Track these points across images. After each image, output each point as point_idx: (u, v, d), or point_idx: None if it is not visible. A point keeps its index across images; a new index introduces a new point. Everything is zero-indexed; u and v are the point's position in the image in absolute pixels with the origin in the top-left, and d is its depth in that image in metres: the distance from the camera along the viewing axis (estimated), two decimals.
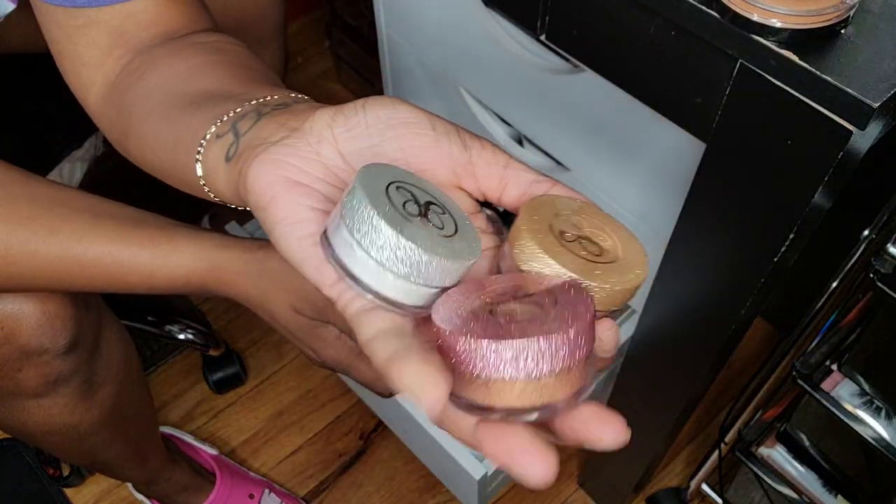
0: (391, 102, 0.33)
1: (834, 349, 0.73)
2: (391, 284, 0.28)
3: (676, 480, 1.15)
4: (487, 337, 0.26)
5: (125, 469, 0.89)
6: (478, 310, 0.28)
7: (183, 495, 1.01)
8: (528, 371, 0.26)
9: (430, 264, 0.27)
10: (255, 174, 0.32)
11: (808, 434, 0.85)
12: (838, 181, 0.46)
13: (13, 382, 0.63)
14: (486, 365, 0.26)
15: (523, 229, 0.30)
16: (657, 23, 0.48)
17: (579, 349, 0.26)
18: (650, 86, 0.53)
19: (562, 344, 0.26)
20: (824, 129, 0.42)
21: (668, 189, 0.61)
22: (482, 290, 0.29)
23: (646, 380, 0.78)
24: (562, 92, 0.66)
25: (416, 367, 0.26)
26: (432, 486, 1.14)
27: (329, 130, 0.33)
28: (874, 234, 0.65)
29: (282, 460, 1.17)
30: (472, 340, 0.26)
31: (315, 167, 0.32)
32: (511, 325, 0.27)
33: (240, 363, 1.22)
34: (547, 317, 0.27)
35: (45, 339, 0.60)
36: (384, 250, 0.27)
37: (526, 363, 0.26)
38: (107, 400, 0.73)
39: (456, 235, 0.29)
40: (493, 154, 0.34)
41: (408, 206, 0.29)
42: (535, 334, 0.26)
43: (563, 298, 0.28)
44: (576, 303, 0.27)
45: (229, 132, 0.36)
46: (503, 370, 0.26)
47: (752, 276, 0.54)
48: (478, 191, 0.34)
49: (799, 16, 0.41)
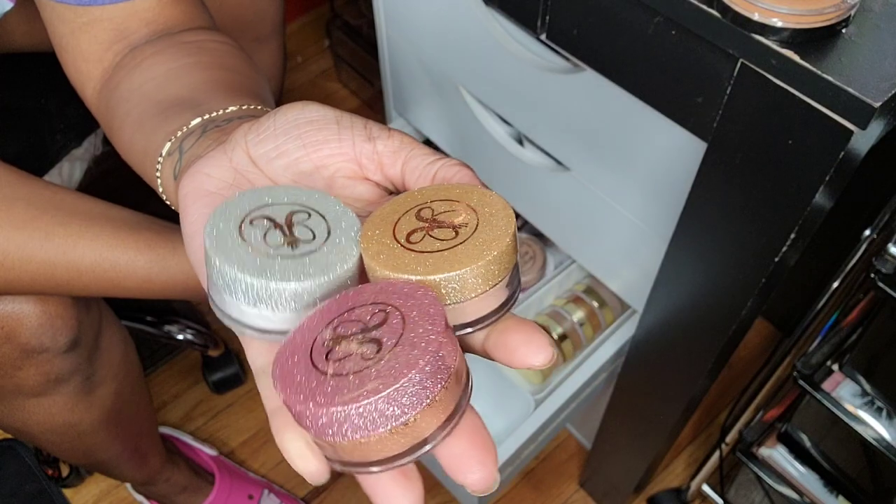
0: (301, 105, 0.34)
1: (835, 349, 0.73)
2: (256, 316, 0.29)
3: (677, 481, 1.15)
4: (328, 403, 0.24)
5: (124, 469, 0.89)
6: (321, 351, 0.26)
7: (182, 496, 1.01)
8: (379, 428, 0.24)
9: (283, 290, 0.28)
10: (180, 191, 0.34)
11: (809, 434, 0.85)
12: (839, 181, 0.46)
13: (13, 381, 0.63)
14: (336, 430, 0.24)
15: (364, 242, 0.30)
16: (658, 22, 0.48)
17: (425, 384, 0.24)
18: (651, 85, 0.53)
19: (414, 387, 0.24)
20: (825, 128, 0.42)
21: (668, 189, 0.60)
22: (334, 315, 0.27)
23: (646, 380, 0.78)
24: (562, 91, 0.66)
25: (295, 445, 0.26)
26: (432, 487, 1.14)
27: (244, 138, 0.34)
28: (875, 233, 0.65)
29: (281, 461, 1.17)
30: (314, 407, 0.24)
31: (225, 174, 0.33)
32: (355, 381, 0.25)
33: (239, 363, 1.22)
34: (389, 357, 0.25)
35: (46, 337, 0.60)
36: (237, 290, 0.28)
37: (374, 421, 0.24)
38: (106, 399, 0.73)
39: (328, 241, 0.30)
40: (399, 143, 0.34)
41: (266, 234, 0.30)
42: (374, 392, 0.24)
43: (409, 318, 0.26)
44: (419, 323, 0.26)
45: (176, 150, 0.39)
46: (355, 434, 0.24)
47: (753, 276, 0.54)
48: (385, 180, 0.35)
49: (800, 15, 0.41)
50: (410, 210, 0.30)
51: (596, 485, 1.11)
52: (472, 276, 0.27)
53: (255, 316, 0.29)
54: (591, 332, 0.90)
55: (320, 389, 0.25)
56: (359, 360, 0.25)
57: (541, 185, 0.78)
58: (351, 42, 1.52)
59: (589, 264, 0.81)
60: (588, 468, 1.10)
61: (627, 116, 0.60)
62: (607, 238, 0.73)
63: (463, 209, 0.30)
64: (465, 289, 0.28)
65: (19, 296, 0.58)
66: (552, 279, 0.92)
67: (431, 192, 0.31)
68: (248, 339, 0.30)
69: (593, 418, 0.97)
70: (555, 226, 0.82)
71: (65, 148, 0.86)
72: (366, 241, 0.29)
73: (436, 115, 0.90)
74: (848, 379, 0.72)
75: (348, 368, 0.25)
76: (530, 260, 0.97)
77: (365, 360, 0.25)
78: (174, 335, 1.16)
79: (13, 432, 0.74)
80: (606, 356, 0.82)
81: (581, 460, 1.16)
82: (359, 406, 0.24)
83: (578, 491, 1.14)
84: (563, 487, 1.14)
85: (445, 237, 0.29)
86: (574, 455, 1.17)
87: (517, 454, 0.79)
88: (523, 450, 0.80)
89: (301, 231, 0.30)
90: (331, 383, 0.25)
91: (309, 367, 0.26)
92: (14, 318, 0.58)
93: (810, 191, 0.45)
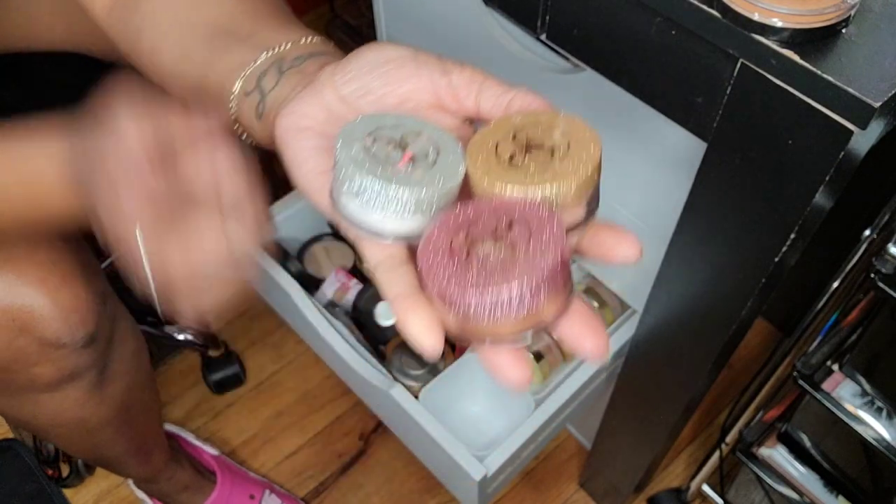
0: (379, 46, 0.38)
1: (835, 349, 0.73)
2: (377, 221, 0.33)
3: (677, 481, 1.15)
4: (474, 286, 0.29)
5: (129, 465, 0.89)
6: (459, 251, 0.31)
7: (184, 495, 1.01)
8: (513, 310, 0.29)
9: (405, 197, 0.32)
10: (277, 129, 0.38)
11: (809, 434, 0.85)
12: (839, 181, 0.46)
13: (27, 376, 0.62)
14: (478, 309, 0.29)
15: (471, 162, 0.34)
16: (658, 22, 0.48)
17: (555, 277, 0.30)
18: (651, 85, 0.53)
19: (543, 280, 0.29)
20: (825, 128, 0.42)
21: (669, 189, 0.61)
22: (460, 223, 0.32)
23: (646, 380, 0.78)
24: (562, 91, 0.66)
25: (419, 321, 0.31)
26: (432, 487, 1.14)
27: (330, 79, 0.38)
28: (875, 234, 0.65)
29: (281, 461, 1.17)
30: (460, 289, 0.29)
31: (318, 112, 0.38)
32: (492, 269, 0.30)
33: (239, 364, 1.22)
34: (521, 256, 0.30)
35: (63, 332, 0.60)
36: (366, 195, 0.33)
37: (510, 305, 0.29)
38: (117, 395, 0.73)
39: (439, 159, 0.34)
40: (472, 74, 0.37)
41: (386, 149, 0.34)
42: (515, 280, 0.29)
43: (531, 226, 0.31)
44: (542, 232, 0.30)
45: (255, 91, 0.42)
46: (491, 314, 0.29)
47: (753, 277, 0.54)
48: (461, 110, 0.38)
49: (800, 15, 0.41)
50: (507, 135, 0.34)
51: (596, 485, 1.11)
52: (571, 190, 0.32)
53: (377, 220, 0.33)
54: None
55: (471, 276, 0.30)
56: (499, 257, 0.30)
57: None
58: (351, 42, 1.52)
59: (589, 264, 0.81)
60: (588, 468, 1.10)
61: (627, 116, 0.60)
62: None
63: (554, 133, 0.34)
64: (564, 200, 0.32)
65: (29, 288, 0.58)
66: None
67: (522, 118, 0.35)
68: (364, 241, 0.35)
69: (593, 418, 0.97)
70: None
71: None
72: (472, 160, 0.34)
73: None
74: (848, 379, 0.72)
75: (492, 262, 0.30)
76: None
77: (505, 256, 0.30)
78: (174, 336, 1.16)
79: (21, 425, 0.74)
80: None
81: (581, 460, 1.16)
82: (510, 289, 0.29)
83: (578, 491, 1.14)
84: (563, 487, 1.14)
85: (543, 158, 0.33)
86: (574, 455, 1.17)
87: (517, 454, 0.79)
88: (523, 450, 0.80)
89: (416, 149, 0.34)
90: (480, 272, 0.30)
91: (455, 260, 0.31)
92: (26, 311, 0.58)
93: (810, 191, 0.45)
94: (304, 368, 1.26)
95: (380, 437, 1.19)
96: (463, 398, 0.90)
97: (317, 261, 1.03)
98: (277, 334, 1.30)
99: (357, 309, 0.97)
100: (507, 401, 0.87)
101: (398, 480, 1.15)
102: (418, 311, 0.31)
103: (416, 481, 1.15)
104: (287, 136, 0.38)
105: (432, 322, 0.31)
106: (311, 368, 1.26)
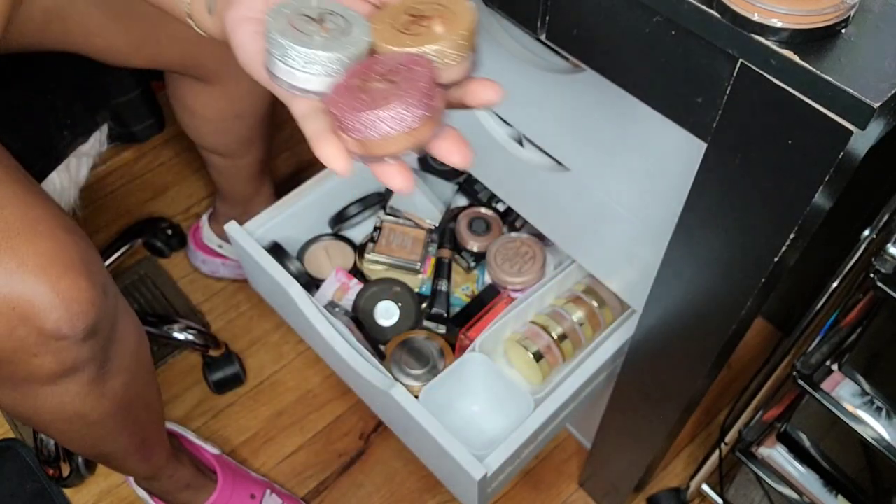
0: None
1: (834, 349, 0.73)
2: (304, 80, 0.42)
3: (677, 480, 1.15)
4: (365, 109, 0.38)
5: (129, 462, 0.89)
6: (355, 89, 0.40)
7: (185, 493, 1.01)
8: (396, 127, 0.38)
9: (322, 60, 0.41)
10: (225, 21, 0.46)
11: (808, 434, 0.85)
12: (839, 181, 0.46)
13: (28, 368, 0.62)
14: (369, 129, 0.38)
15: (374, 32, 0.44)
16: (657, 22, 0.48)
17: (426, 103, 0.39)
18: (650, 85, 0.53)
19: (415, 102, 0.38)
20: (825, 128, 0.42)
21: (668, 189, 0.61)
22: (359, 72, 0.41)
23: (646, 380, 0.78)
24: (562, 92, 0.66)
25: (328, 146, 0.40)
26: (432, 487, 1.14)
27: None
28: (874, 234, 0.65)
29: (281, 460, 1.17)
30: (355, 114, 0.39)
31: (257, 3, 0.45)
32: (377, 97, 0.39)
33: (239, 363, 1.22)
34: (397, 88, 0.39)
35: (64, 322, 0.60)
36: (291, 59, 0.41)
37: (394, 121, 0.38)
38: (118, 390, 0.73)
39: (350, 31, 0.43)
40: None
41: (308, 24, 0.42)
42: (394, 101, 0.38)
43: (410, 69, 0.40)
44: (416, 70, 0.40)
45: None
46: (381, 130, 0.38)
47: (753, 277, 0.54)
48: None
49: (799, 15, 0.41)
50: (402, 11, 0.44)
51: (595, 484, 1.11)
52: (447, 48, 0.42)
53: (301, 80, 0.42)
54: (590, 331, 0.90)
55: (361, 103, 0.39)
56: (383, 89, 0.39)
57: (541, 186, 0.78)
58: None
59: (589, 264, 0.81)
60: (588, 468, 1.10)
61: (627, 116, 0.60)
62: (607, 238, 0.74)
63: (438, 9, 0.44)
64: (444, 57, 0.42)
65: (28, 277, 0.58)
66: (552, 279, 0.92)
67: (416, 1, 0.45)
68: (293, 97, 0.43)
69: (593, 418, 0.97)
70: (555, 226, 0.82)
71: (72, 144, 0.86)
72: (376, 31, 0.43)
73: None
74: (847, 379, 0.72)
75: (378, 92, 0.39)
76: (530, 260, 0.98)
77: (386, 88, 0.39)
78: (175, 335, 1.17)
79: (23, 420, 0.74)
80: (606, 356, 0.83)
81: (581, 460, 1.16)
82: (391, 108, 0.38)
83: (578, 490, 1.14)
84: (562, 487, 1.15)
85: (428, 27, 0.43)
86: (574, 455, 1.17)
87: (517, 454, 0.80)
88: (523, 449, 0.81)
89: (331, 24, 0.43)
90: (367, 99, 0.39)
91: (351, 96, 0.40)
92: (25, 300, 0.58)
93: (810, 191, 0.45)
94: (305, 368, 1.26)
95: (380, 437, 1.19)
96: (463, 398, 0.91)
97: (317, 261, 1.03)
98: (278, 334, 1.30)
99: (357, 309, 0.97)
100: (506, 401, 0.87)
101: (398, 480, 1.15)
102: (329, 142, 0.41)
103: (416, 481, 1.15)
104: (233, 26, 0.45)
105: (339, 149, 0.40)
106: (311, 368, 1.26)
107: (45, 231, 0.60)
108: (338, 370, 0.95)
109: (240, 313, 1.32)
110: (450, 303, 0.99)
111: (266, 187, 1.22)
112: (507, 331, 0.91)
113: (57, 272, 0.59)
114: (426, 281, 1.01)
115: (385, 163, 0.40)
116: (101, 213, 1.44)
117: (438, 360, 0.92)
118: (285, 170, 1.51)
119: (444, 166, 1.07)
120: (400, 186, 0.41)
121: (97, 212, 1.44)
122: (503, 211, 1.04)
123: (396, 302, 0.97)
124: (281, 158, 1.53)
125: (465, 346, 0.90)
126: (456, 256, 1.03)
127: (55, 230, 0.61)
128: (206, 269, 1.34)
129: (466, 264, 1.02)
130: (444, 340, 0.94)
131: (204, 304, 1.33)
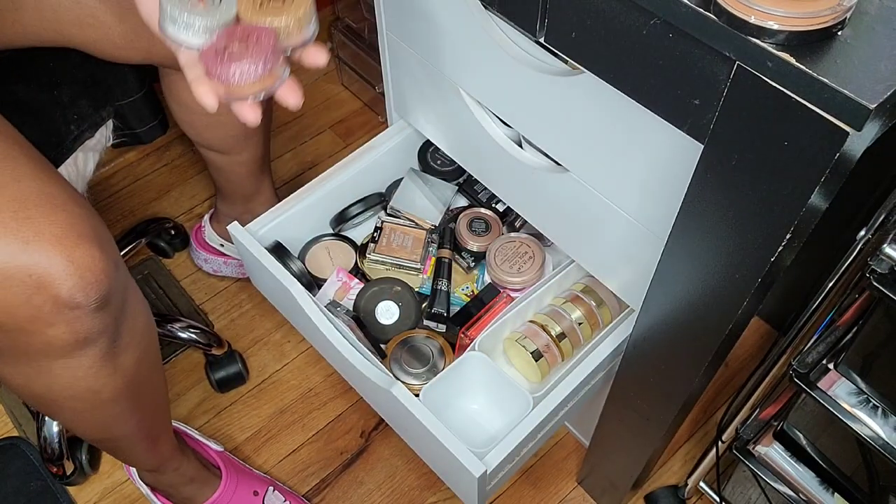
0: None
1: (830, 348, 0.74)
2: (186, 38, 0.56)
3: (674, 478, 1.15)
4: (227, 63, 0.54)
5: (137, 449, 0.89)
6: (222, 48, 0.55)
7: (189, 487, 1.01)
8: (250, 76, 0.54)
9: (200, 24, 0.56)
10: None
11: (804, 432, 0.86)
12: (835, 182, 0.46)
13: (43, 339, 0.64)
14: (229, 77, 0.54)
15: (240, 5, 0.57)
16: (654, 24, 0.48)
17: (271, 61, 0.55)
18: (648, 87, 0.53)
19: (262, 60, 0.54)
20: (821, 130, 0.42)
21: (665, 189, 0.61)
22: (225, 36, 0.55)
23: (644, 379, 0.78)
24: (561, 93, 0.66)
25: (202, 87, 0.56)
26: (432, 484, 1.14)
27: None
28: (870, 234, 0.65)
29: (283, 458, 1.18)
30: (220, 66, 0.54)
31: None
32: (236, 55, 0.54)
33: (242, 362, 1.23)
34: (250, 48, 0.54)
35: (78, 291, 0.62)
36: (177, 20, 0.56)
37: (247, 72, 0.54)
38: (129, 367, 0.74)
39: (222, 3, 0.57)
40: None
41: None
42: (247, 58, 0.54)
43: (260, 36, 0.55)
44: (264, 37, 0.55)
45: None
46: (239, 78, 0.54)
47: (749, 276, 0.55)
48: None
49: (796, 18, 0.41)
50: None
51: (594, 482, 1.11)
52: (293, 21, 0.56)
53: (184, 38, 0.56)
54: (589, 331, 0.91)
55: (225, 58, 0.54)
56: (240, 49, 0.55)
57: (540, 186, 0.79)
58: (353, 45, 1.52)
59: (587, 264, 0.82)
60: (586, 466, 1.10)
61: (625, 118, 0.60)
62: (605, 238, 0.74)
63: None
64: (291, 27, 0.56)
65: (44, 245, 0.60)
66: (551, 279, 0.92)
67: None
68: (179, 49, 0.58)
69: (591, 416, 0.97)
70: (554, 226, 0.82)
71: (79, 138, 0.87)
72: (240, 4, 0.57)
73: (436, 117, 0.90)
74: (843, 378, 0.73)
75: (237, 52, 0.54)
76: (530, 260, 0.98)
77: (241, 49, 0.55)
78: (178, 334, 1.17)
79: (35, 400, 0.75)
80: (604, 355, 0.83)
81: (579, 458, 1.17)
82: (245, 62, 0.54)
83: (577, 488, 1.15)
84: (561, 485, 1.15)
85: (279, 2, 0.57)
86: (572, 453, 1.18)
87: (516, 452, 0.80)
88: (522, 447, 0.81)
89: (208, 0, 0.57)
90: (228, 56, 0.54)
91: (218, 53, 0.55)
92: (41, 268, 0.60)
93: (806, 192, 0.46)
94: (306, 367, 1.27)
95: (381, 435, 1.19)
96: (463, 396, 0.91)
97: (318, 260, 1.04)
98: (279, 333, 1.30)
99: (358, 308, 0.97)
100: (506, 399, 0.87)
101: (399, 477, 1.16)
102: (203, 84, 0.56)
103: (417, 478, 1.16)
104: None
105: (210, 89, 0.56)
106: (312, 367, 1.26)
107: (60, 204, 0.63)
108: (339, 369, 0.96)
109: (242, 313, 1.33)
110: (450, 302, 0.99)
111: (266, 186, 1.22)
112: (506, 330, 0.91)
113: (72, 242, 0.61)
114: (426, 281, 1.02)
115: (242, 102, 0.57)
116: (105, 214, 1.45)
117: (438, 358, 0.92)
118: (287, 171, 1.52)
119: (444, 167, 1.07)
120: (251, 120, 0.57)
121: (101, 212, 1.43)
122: (503, 211, 1.05)
123: (397, 301, 0.97)
124: (283, 160, 1.53)
125: (465, 346, 0.90)
126: (456, 256, 1.03)
127: (69, 204, 0.63)
128: (208, 267, 1.35)
129: (466, 264, 1.03)
130: (445, 339, 0.95)
131: (207, 303, 1.34)
